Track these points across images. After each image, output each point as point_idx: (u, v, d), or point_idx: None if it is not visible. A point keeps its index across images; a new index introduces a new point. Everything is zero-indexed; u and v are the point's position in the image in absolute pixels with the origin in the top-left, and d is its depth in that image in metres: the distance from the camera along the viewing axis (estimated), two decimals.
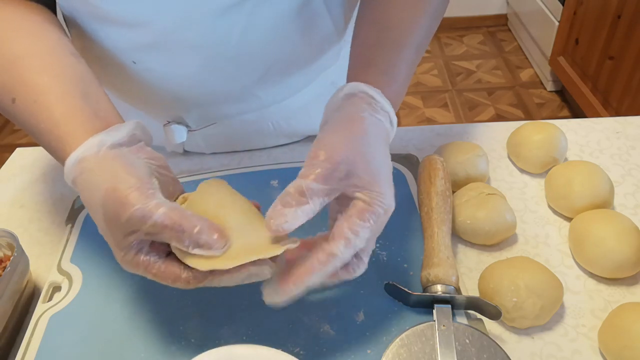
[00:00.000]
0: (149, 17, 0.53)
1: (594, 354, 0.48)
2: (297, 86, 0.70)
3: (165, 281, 0.41)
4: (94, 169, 0.41)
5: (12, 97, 0.46)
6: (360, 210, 0.40)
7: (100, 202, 0.39)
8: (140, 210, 0.38)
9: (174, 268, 0.41)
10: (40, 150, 0.79)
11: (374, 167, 0.42)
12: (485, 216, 0.57)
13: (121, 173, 0.40)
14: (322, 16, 0.61)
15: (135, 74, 0.60)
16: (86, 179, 0.41)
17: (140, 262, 0.40)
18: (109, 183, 0.39)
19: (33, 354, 0.49)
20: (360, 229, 0.40)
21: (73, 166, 0.42)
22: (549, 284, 0.50)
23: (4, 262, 0.55)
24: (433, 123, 2.31)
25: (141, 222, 0.38)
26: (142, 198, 0.38)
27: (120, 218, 0.38)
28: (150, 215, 0.38)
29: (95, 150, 0.42)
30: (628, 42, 1.77)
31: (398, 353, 0.46)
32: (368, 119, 0.44)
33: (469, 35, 2.98)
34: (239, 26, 0.55)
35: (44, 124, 0.44)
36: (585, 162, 0.62)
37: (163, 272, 0.41)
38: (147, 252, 0.41)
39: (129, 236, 0.39)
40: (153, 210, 0.38)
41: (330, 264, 0.39)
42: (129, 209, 0.38)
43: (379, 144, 0.44)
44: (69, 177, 0.43)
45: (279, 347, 0.47)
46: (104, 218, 0.40)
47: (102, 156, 0.42)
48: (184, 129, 0.70)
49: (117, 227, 0.39)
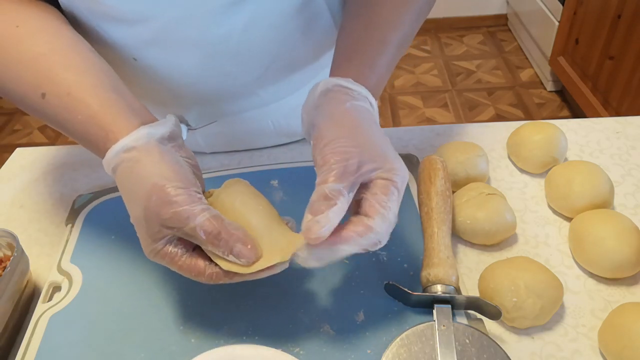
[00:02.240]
0: (150, 13, 0.53)
1: (594, 354, 0.48)
2: (297, 84, 0.70)
3: (188, 274, 0.43)
4: (142, 159, 0.43)
5: (41, 93, 0.47)
6: (383, 186, 0.43)
7: (145, 195, 0.41)
8: (186, 212, 0.41)
9: (199, 263, 0.43)
10: (40, 150, 0.79)
11: (378, 149, 0.44)
12: (485, 216, 0.57)
13: (169, 171, 0.42)
14: (323, 13, 0.61)
15: (136, 71, 0.60)
16: (132, 168, 0.43)
17: (167, 253, 0.43)
18: (157, 178, 0.42)
19: (33, 354, 0.49)
20: (389, 203, 0.42)
21: (119, 153, 0.43)
22: (549, 284, 0.50)
23: (4, 262, 0.55)
24: (433, 123, 2.31)
25: (184, 222, 0.41)
26: (189, 200, 0.41)
27: (163, 214, 0.41)
28: (193, 219, 0.41)
29: (145, 141, 0.44)
30: (628, 42, 1.77)
31: (398, 353, 0.46)
32: (353, 109, 0.46)
33: (469, 35, 2.98)
34: (240, 24, 0.55)
35: (80, 115, 0.45)
36: (585, 162, 0.62)
37: (188, 265, 0.43)
38: (175, 245, 0.43)
39: (165, 229, 0.41)
40: (197, 214, 0.41)
41: (367, 235, 0.42)
42: (175, 207, 0.41)
43: (371, 126, 0.46)
44: (111, 163, 0.44)
45: (279, 347, 0.47)
46: (143, 209, 0.42)
47: (151, 149, 0.43)
48: (184, 128, 0.70)
49: (156, 221, 0.41)
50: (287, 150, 0.76)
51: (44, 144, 2.39)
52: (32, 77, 0.47)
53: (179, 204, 0.41)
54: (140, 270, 0.57)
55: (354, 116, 0.46)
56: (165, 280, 0.56)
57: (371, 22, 0.53)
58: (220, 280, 0.43)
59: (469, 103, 2.44)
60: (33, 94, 0.47)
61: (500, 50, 2.83)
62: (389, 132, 0.78)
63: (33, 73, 0.47)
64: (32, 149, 0.80)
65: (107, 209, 0.65)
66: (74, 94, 0.46)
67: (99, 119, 0.45)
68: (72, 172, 0.74)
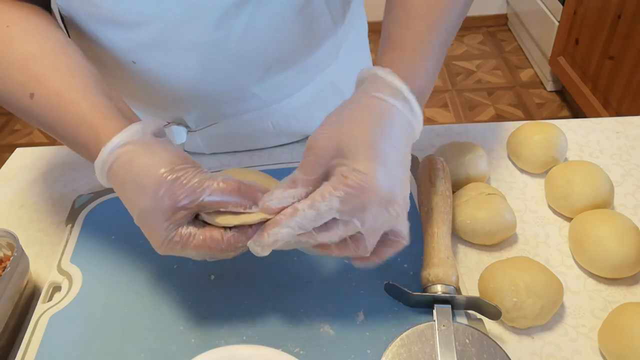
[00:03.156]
0: (149, 16, 0.53)
1: (594, 354, 0.48)
2: (298, 85, 0.70)
3: (206, 250, 0.44)
4: (141, 152, 0.43)
5: (29, 93, 0.46)
6: (335, 180, 0.42)
7: (155, 182, 0.42)
8: (200, 183, 0.42)
9: (214, 233, 0.44)
10: (40, 150, 0.79)
11: (358, 146, 0.41)
12: (485, 216, 0.57)
13: (172, 157, 0.43)
14: (323, 15, 0.61)
15: (135, 74, 0.60)
16: (132, 161, 0.43)
17: (182, 236, 0.43)
18: (163, 165, 0.42)
19: (33, 354, 0.49)
20: (328, 195, 0.41)
21: (115, 149, 0.43)
22: (549, 284, 0.50)
23: (4, 262, 0.55)
24: (433, 123, 2.31)
25: (201, 193, 0.42)
26: (199, 173, 0.43)
27: (178, 195, 0.41)
28: (210, 185, 0.42)
29: (141, 135, 0.44)
30: (628, 42, 1.77)
31: (398, 353, 0.46)
32: (366, 99, 0.44)
33: (469, 35, 2.98)
34: (239, 26, 0.55)
35: (70, 116, 0.46)
36: (585, 162, 0.62)
37: (204, 240, 0.43)
38: (186, 227, 0.43)
39: (179, 212, 0.42)
40: (211, 180, 0.42)
41: (293, 218, 0.41)
42: (188, 183, 0.42)
43: (376, 121, 0.43)
44: (107, 161, 0.44)
45: (279, 347, 0.47)
46: (153, 198, 0.42)
47: (147, 141, 0.44)
48: (183, 130, 0.70)
49: (170, 206, 0.42)
50: (288, 150, 0.76)
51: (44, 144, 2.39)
52: (20, 77, 0.47)
53: (191, 179, 0.42)
54: (140, 270, 0.57)
55: (361, 106, 0.44)
56: (165, 280, 0.56)
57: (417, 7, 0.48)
58: (239, 241, 0.44)
59: (469, 103, 2.44)
60: (22, 94, 0.47)
61: (500, 50, 2.83)
62: None
63: (22, 73, 0.47)
64: (32, 149, 0.80)
65: (107, 209, 0.65)
66: (63, 95, 0.46)
67: (89, 120, 0.45)
68: (72, 172, 0.74)
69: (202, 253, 0.44)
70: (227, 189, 0.43)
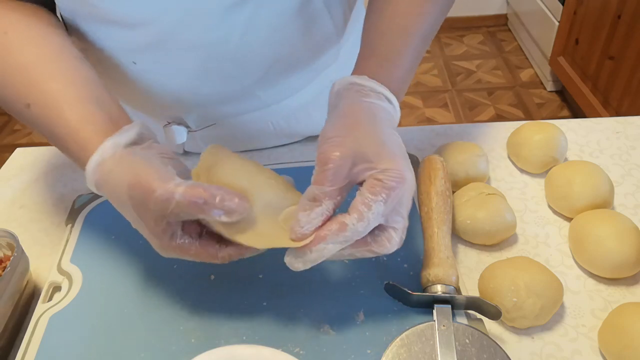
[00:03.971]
0: (149, 17, 0.53)
1: (594, 354, 0.48)
2: (297, 86, 0.70)
3: (204, 260, 0.45)
4: (114, 169, 0.44)
5: (27, 103, 0.48)
6: (371, 185, 0.42)
7: (127, 197, 0.42)
8: (163, 193, 0.40)
9: (210, 248, 0.44)
10: (40, 150, 0.79)
11: (376, 147, 0.43)
12: (485, 216, 0.57)
13: (139, 167, 0.43)
14: (322, 16, 0.61)
15: (135, 74, 0.60)
16: (108, 180, 0.44)
17: (177, 246, 0.43)
18: (130, 177, 0.42)
19: (33, 354, 0.49)
20: (373, 203, 0.41)
21: (94, 170, 0.45)
22: (549, 284, 0.50)
23: (4, 262, 0.55)
24: (433, 123, 2.31)
25: (166, 203, 0.40)
26: (162, 183, 0.41)
27: (148, 206, 0.41)
28: (172, 196, 0.40)
29: (112, 152, 0.44)
30: (628, 42, 1.77)
31: (398, 353, 0.46)
32: (359, 105, 0.46)
33: (469, 35, 2.98)
34: (240, 26, 0.55)
35: (61, 129, 0.47)
36: (585, 162, 0.62)
37: (201, 252, 0.44)
38: (180, 236, 0.43)
39: (160, 222, 0.42)
40: (174, 190, 0.40)
41: (342, 233, 0.42)
42: (152, 194, 0.41)
43: (376, 123, 0.46)
44: (91, 182, 0.45)
45: (279, 347, 0.48)
46: (134, 211, 0.42)
47: (119, 157, 0.44)
48: (184, 130, 0.70)
49: (148, 216, 0.42)
50: (288, 150, 0.76)
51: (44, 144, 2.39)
52: (18, 86, 0.48)
53: (154, 189, 0.41)
54: (140, 270, 0.57)
55: (359, 113, 0.46)
56: (165, 280, 0.56)
57: (393, 15, 0.52)
58: (234, 259, 0.44)
59: (469, 103, 2.44)
60: (19, 103, 0.48)
61: (500, 50, 2.83)
62: None
63: (19, 83, 0.48)
64: (32, 149, 0.80)
65: (107, 209, 0.64)
66: (55, 108, 0.47)
67: (76, 135, 0.46)
68: (72, 172, 0.74)
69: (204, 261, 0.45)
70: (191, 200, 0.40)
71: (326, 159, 0.43)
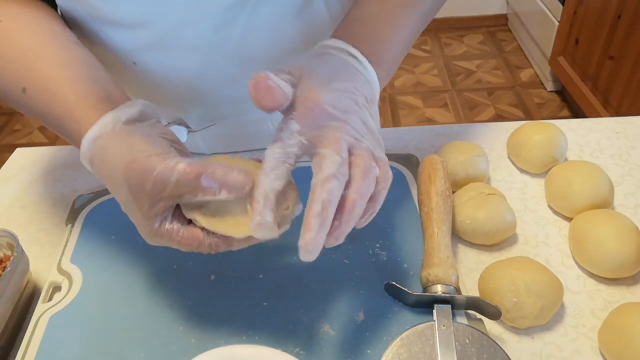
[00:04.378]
0: (149, 17, 0.53)
1: (594, 354, 0.48)
2: None
3: (189, 247, 0.43)
4: (111, 145, 0.42)
5: (22, 87, 0.47)
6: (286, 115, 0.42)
7: (123, 176, 0.40)
8: (163, 171, 0.39)
9: (198, 234, 0.42)
10: (40, 150, 0.79)
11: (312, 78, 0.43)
12: (485, 216, 0.57)
13: (139, 144, 0.41)
14: (323, 16, 0.61)
15: (136, 74, 0.60)
16: (104, 156, 0.42)
17: (165, 231, 0.42)
18: (129, 155, 0.40)
19: (33, 354, 0.49)
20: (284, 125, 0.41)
21: (89, 145, 0.43)
22: (549, 284, 0.50)
23: (4, 262, 0.55)
24: (433, 123, 2.31)
25: (165, 182, 0.39)
26: (162, 160, 0.39)
27: (145, 186, 0.39)
28: (172, 173, 0.39)
29: (111, 127, 0.43)
30: (628, 42, 1.77)
31: (398, 353, 0.46)
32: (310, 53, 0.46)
33: (469, 35, 2.98)
34: (239, 26, 0.55)
35: (57, 109, 0.45)
36: (585, 162, 0.62)
37: (187, 238, 0.42)
38: (170, 221, 0.42)
39: (156, 204, 0.40)
40: (174, 167, 0.39)
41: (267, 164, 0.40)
42: (151, 173, 0.39)
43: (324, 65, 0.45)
44: (85, 157, 0.44)
45: (279, 347, 0.47)
46: (129, 191, 0.40)
47: (118, 132, 0.43)
48: (184, 130, 0.70)
49: (144, 197, 0.40)
50: None
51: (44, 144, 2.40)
52: (14, 71, 0.47)
53: (154, 168, 0.39)
54: (140, 270, 0.57)
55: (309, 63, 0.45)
56: (165, 280, 0.56)
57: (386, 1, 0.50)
58: (219, 248, 0.43)
59: (469, 103, 2.44)
60: (15, 88, 0.47)
61: (500, 50, 2.83)
62: (389, 132, 0.78)
63: (15, 68, 0.47)
64: (32, 149, 0.80)
65: (107, 209, 0.65)
66: (52, 88, 0.46)
67: (74, 112, 0.44)
68: (72, 172, 0.74)
69: (188, 249, 0.43)
70: (191, 174, 0.39)
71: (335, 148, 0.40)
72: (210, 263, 0.56)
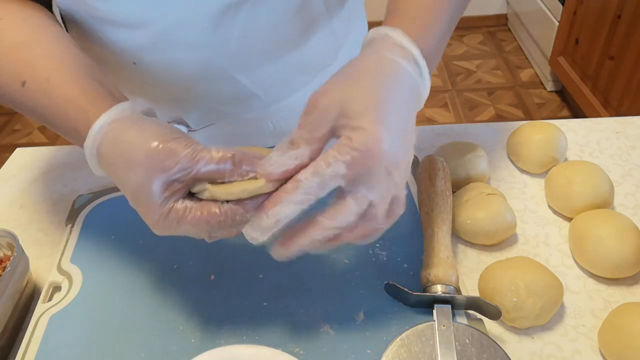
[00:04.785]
0: (148, 18, 0.53)
1: (594, 354, 0.48)
2: (297, 86, 0.70)
3: (203, 224, 0.41)
4: (130, 127, 0.41)
5: (21, 81, 0.46)
6: (339, 144, 0.38)
7: (145, 155, 0.40)
8: (192, 153, 0.39)
9: (211, 206, 0.41)
10: (40, 150, 0.79)
11: (366, 103, 0.39)
12: (485, 216, 0.57)
13: (162, 130, 0.41)
14: (322, 15, 0.61)
15: (136, 74, 0.60)
16: (121, 136, 0.41)
17: (177, 210, 0.40)
18: (152, 137, 0.40)
19: (33, 354, 0.49)
20: (333, 161, 0.38)
21: (103, 127, 0.42)
22: (549, 284, 0.50)
23: (4, 262, 0.55)
24: (433, 123, 2.31)
25: (194, 163, 0.39)
26: (190, 144, 0.40)
27: (170, 166, 0.39)
28: (202, 155, 0.39)
29: (129, 112, 0.43)
30: (628, 42, 1.77)
31: (398, 353, 0.46)
32: (375, 58, 0.42)
33: (469, 35, 2.98)
34: (238, 26, 0.55)
35: (60, 100, 0.44)
36: (585, 162, 0.62)
37: (201, 214, 0.41)
38: (182, 201, 0.41)
39: (174, 185, 0.40)
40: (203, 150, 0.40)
41: (295, 191, 0.39)
42: (180, 153, 0.39)
43: (386, 81, 0.40)
44: (95, 140, 0.42)
45: (279, 347, 0.47)
46: (145, 172, 0.40)
47: (136, 118, 0.42)
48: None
49: (163, 179, 0.39)
50: None
51: (44, 144, 2.39)
52: (12, 65, 0.47)
53: (183, 149, 0.39)
54: (140, 270, 0.57)
55: (370, 65, 0.41)
56: (165, 280, 0.56)
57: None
58: (237, 213, 0.41)
59: (469, 103, 2.44)
60: (13, 82, 0.46)
61: (500, 50, 2.83)
62: None
63: (14, 62, 0.47)
64: (32, 149, 0.80)
65: (107, 209, 0.65)
66: (53, 81, 0.45)
67: (79, 102, 0.44)
68: (72, 172, 0.74)
69: (200, 229, 0.41)
70: (222, 158, 0.40)
71: (312, 104, 0.40)
72: (210, 263, 0.56)
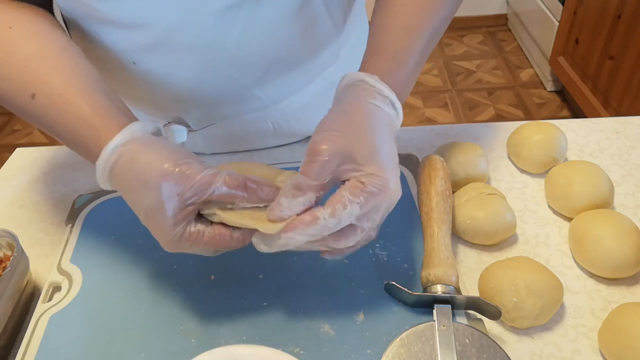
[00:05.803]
0: (148, 18, 0.53)
1: (594, 354, 0.48)
2: (297, 86, 0.70)
3: (216, 246, 0.44)
4: (144, 150, 0.43)
5: (31, 93, 0.47)
6: (353, 186, 0.42)
7: (159, 178, 0.42)
8: (205, 178, 0.42)
9: (223, 231, 0.44)
10: (40, 150, 0.79)
11: (367, 150, 0.43)
12: (485, 216, 0.57)
13: (175, 154, 0.43)
14: (322, 16, 0.61)
15: (136, 75, 0.60)
16: (136, 159, 0.43)
17: (192, 233, 0.43)
18: (167, 161, 0.42)
19: (33, 354, 0.49)
20: (349, 203, 0.42)
21: (117, 148, 0.43)
22: (549, 284, 0.50)
23: (4, 262, 0.55)
24: (433, 123, 2.31)
25: (207, 188, 0.42)
26: (203, 169, 0.42)
27: (184, 191, 0.41)
28: (215, 181, 0.42)
29: (142, 134, 0.44)
30: (628, 42, 1.77)
31: (398, 353, 0.46)
32: (363, 106, 0.46)
33: (469, 35, 2.98)
34: (238, 27, 0.55)
35: (71, 116, 0.46)
36: (585, 162, 0.62)
37: (214, 237, 0.44)
38: (195, 224, 0.44)
39: (187, 208, 0.42)
40: (216, 176, 0.42)
41: (312, 226, 0.42)
42: (193, 178, 0.42)
43: (375, 127, 0.45)
44: (109, 160, 0.44)
45: (279, 347, 0.48)
46: (159, 194, 0.42)
47: (149, 139, 0.44)
48: (184, 130, 0.70)
49: (175, 201, 0.42)
50: (288, 150, 0.76)
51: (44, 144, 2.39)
52: (22, 77, 0.47)
53: (195, 175, 0.42)
54: (140, 270, 0.57)
55: (360, 113, 0.46)
56: (165, 280, 0.56)
57: (400, 13, 0.51)
58: (246, 240, 0.45)
59: (469, 103, 2.44)
60: (23, 94, 0.47)
61: (500, 50, 2.83)
62: None
63: (24, 73, 0.47)
64: (32, 149, 0.80)
65: (107, 209, 0.65)
66: (64, 95, 0.46)
67: (90, 119, 0.45)
68: (72, 172, 0.74)
69: (208, 249, 0.45)
70: (234, 184, 0.43)
71: (316, 151, 0.43)
72: (210, 263, 0.56)
